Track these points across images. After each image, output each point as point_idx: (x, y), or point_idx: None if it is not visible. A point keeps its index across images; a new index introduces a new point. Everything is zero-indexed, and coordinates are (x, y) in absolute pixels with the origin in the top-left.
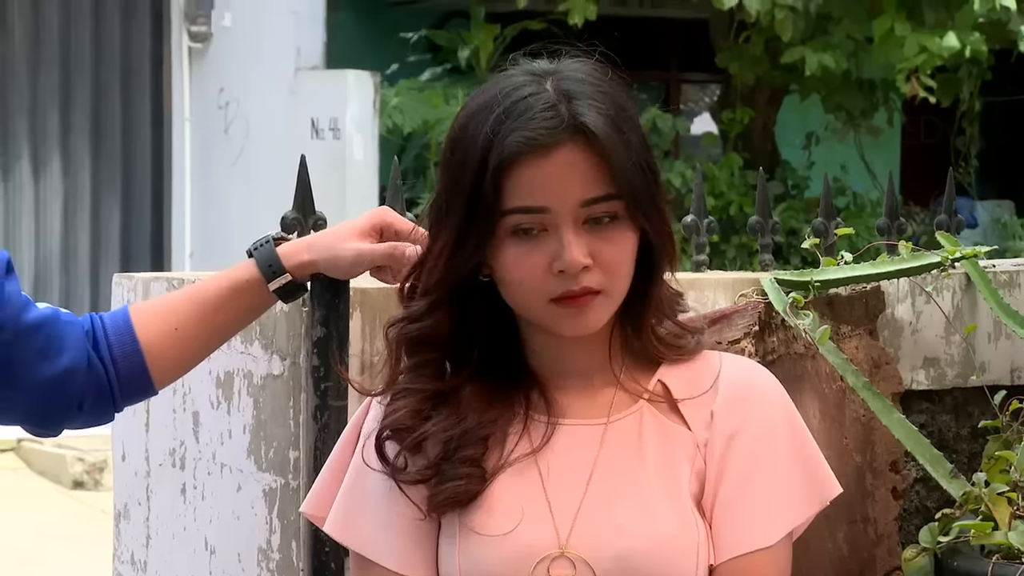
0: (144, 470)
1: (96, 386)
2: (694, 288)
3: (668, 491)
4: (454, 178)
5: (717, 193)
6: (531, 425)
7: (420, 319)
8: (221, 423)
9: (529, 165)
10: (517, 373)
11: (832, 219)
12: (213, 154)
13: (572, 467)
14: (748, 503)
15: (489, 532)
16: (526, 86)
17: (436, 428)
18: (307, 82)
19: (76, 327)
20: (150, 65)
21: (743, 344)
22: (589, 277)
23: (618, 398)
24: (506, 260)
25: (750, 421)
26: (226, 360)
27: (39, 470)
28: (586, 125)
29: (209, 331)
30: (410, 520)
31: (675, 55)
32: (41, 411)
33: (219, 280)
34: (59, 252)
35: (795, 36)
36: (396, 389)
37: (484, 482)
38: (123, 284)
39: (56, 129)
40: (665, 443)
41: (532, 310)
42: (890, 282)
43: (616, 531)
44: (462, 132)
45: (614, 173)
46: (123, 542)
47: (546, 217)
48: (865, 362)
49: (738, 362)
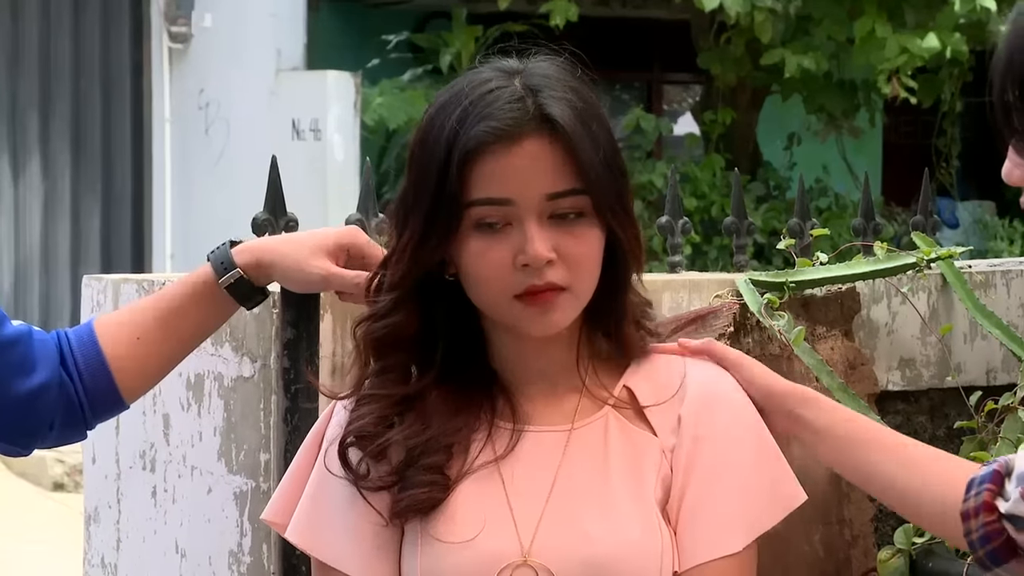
0: (114, 472)
1: (66, 404)
2: (669, 289)
3: (633, 497)
4: (420, 171)
5: (699, 194)
6: (496, 432)
7: (386, 316)
8: (191, 425)
9: (494, 156)
10: (481, 377)
11: (807, 220)
12: (193, 155)
13: (535, 474)
14: (714, 509)
15: (450, 539)
16: (493, 80)
17: (400, 435)
18: (288, 83)
19: (49, 345)
20: (130, 66)
21: None
22: (553, 272)
23: (583, 404)
24: (469, 254)
25: (716, 427)
26: (196, 362)
27: (19, 472)
28: (553, 117)
29: (171, 338)
30: (373, 527)
31: (657, 56)
32: (13, 429)
33: (177, 286)
34: (39, 255)
35: (775, 37)
36: (361, 395)
37: (447, 490)
38: (92, 286)
39: (35, 130)
40: (630, 449)
41: (496, 308)
42: (865, 283)
43: (580, 538)
44: (429, 126)
45: (581, 168)
46: (93, 545)
47: (510, 210)
48: (840, 363)
49: (703, 367)
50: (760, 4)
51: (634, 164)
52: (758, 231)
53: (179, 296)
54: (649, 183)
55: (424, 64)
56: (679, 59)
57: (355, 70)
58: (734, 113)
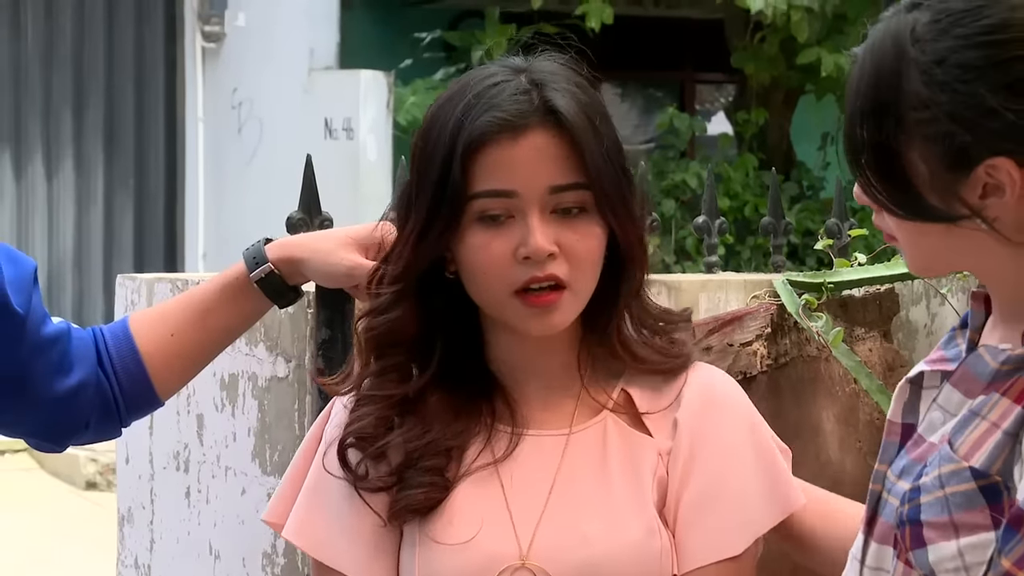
0: (148, 473)
1: (102, 402)
2: (705, 289)
3: (632, 500)
4: (423, 164)
5: (732, 194)
6: (495, 435)
7: (386, 311)
8: (226, 426)
9: (498, 147)
10: (479, 379)
11: (845, 220)
12: (226, 154)
13: (534, 477)
14: (714, 512)
15: (448, 541)
16: (498, 75)
17: (401, 438)
18: (321, 82)
19: (87, 343)
20: (163, 65)
21: (755, 346)
22: (555, 266)
23: (581, 407)
24: (470, 248)
25: (715, 430)
26: (230, 362)
27: (52, 471)
28: (558, 109)
29: (204, 334)
30: (371, 527)
31: (690, 56)
32: (50, 427)
33: (211, 283)
34: (72, 253)
35: (811, 37)
36: (361, 395)
37: (446, 491)
38: (126, 285)
39: (69, 130)
40: (628, 453)
41: (496, 304)
42: (904, 284)
43: (578, 541)
44: (433, 119)
45: (585, 162)
46: (127, 546)
47: (513, 202)
48: (879, 364)
49: (703, 370)
50: (797, 3)
51: (667, 164)
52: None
53: (213, 292)
54: (683, 183)
55: (457, 63)
56: (712, 59)
57: (388, 69)
58: (767, 113)
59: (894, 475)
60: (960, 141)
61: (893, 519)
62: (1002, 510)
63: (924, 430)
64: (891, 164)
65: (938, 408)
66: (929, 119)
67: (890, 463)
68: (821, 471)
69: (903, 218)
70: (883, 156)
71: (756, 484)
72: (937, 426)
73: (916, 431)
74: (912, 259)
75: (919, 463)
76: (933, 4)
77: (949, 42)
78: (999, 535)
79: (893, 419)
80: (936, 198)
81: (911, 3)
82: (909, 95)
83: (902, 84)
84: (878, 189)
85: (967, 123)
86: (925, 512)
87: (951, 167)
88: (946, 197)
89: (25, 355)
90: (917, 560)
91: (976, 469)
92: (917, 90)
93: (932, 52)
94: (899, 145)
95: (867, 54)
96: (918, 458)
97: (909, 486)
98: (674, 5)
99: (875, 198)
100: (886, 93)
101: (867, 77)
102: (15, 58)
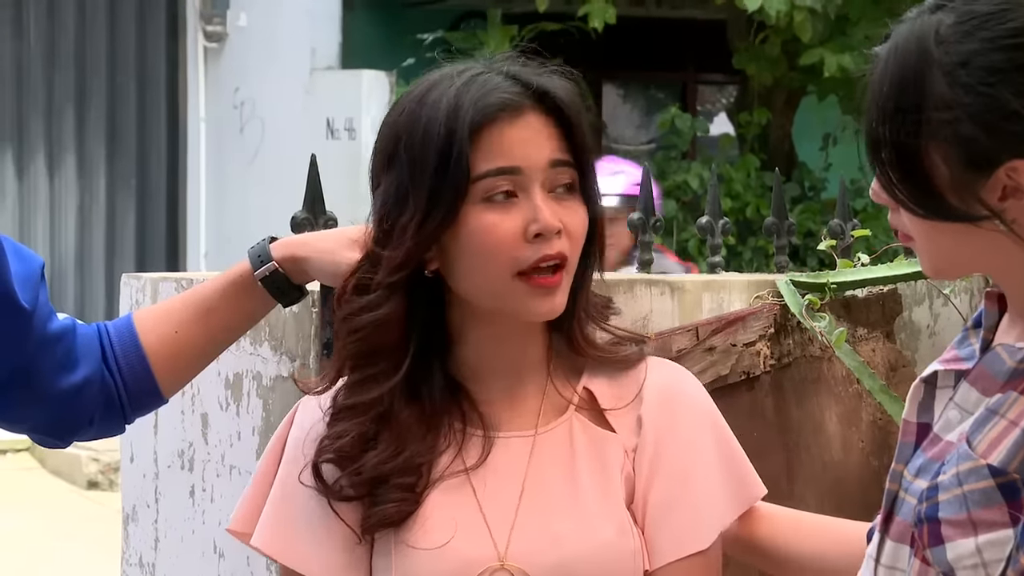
0: (152, 472)
1: (107, 399)
2: (709, 290)
3: (602, 499)
4: (414, 154)
5: (734, 195)
6: (467, 441)
7: (375, 308)
8: (230, 425)
9: (501, 127)
10: (444, 387)
11: (848, 220)
12: (228, 154)
13: (504, 480)
14: (681, 508)
15: (424, 546)
16: (474, 68)
17: (376, 459)
18: (322, 82)
19: (91, 339)
20: (165, 65)
21: (758, 347)
22: (560, 243)
23: (546, 407)
24: (474, 232)
25: (678, 425)
26: (235, 361)
27: (53, 470)
28: (550, 91)
29: (208, 332)
30: (342, 535)
31: (692, 56)
32: (54, 422)
33: (215, 281)
34: (74, 252)
35: (814, 37)
36: (339, 407)
37: (416, 504)
38: (131, 284)
39: (71, 129)
40: (595, 451)
41: (495, 290)
42: (907, 284)
43: (553, 541)
44: (414, 114)
45: (575, 142)
46: (131, 544)
47: (519, 179)
48: (882, 365)
49: (663, 366)
50: (800, 3)
51: (669, 164)
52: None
53: (217, 290)
54: (684, 183)
55: None
56: (714, 60)
57: (390, 69)
58: (769, 114)
59: (911, 474)
60: (982, 143)
61: (911, 517)
62: (1020, 507)
63: (940, 429)
64: (912, 163)
65: (955, 407)
66: (951, 120)
67: (906, 462)
68: (824, 471)
69: (922, 217)
70: (904, 155)
71: (719, 477)
72: (954, 425)
73: (932, 430)
74: (928, 259)
75: (936, 462)
76: (958, 6)
77: (974, 44)
78: (1018, 532)
79: (908, 419)
80: (956, 198)
81: (935, 5)
82: (932, 96)
83: (925, 85)
84: (898, 187)
85: (989, 125)
86: (943, 510)
87: (972, 168)
88: (966, 198)
89: (31, 350)
90: (935, 557)
91: (994, 467)
92: (940, 91)
93: (956, 54)
94: (920, 145)
95: (890, 55)
96: (935, 457)
97: (927, 484)
98: (676, 6)
99: (894, 196)
100: (909, 93)
101: (890, 77)
102: (17, 57)
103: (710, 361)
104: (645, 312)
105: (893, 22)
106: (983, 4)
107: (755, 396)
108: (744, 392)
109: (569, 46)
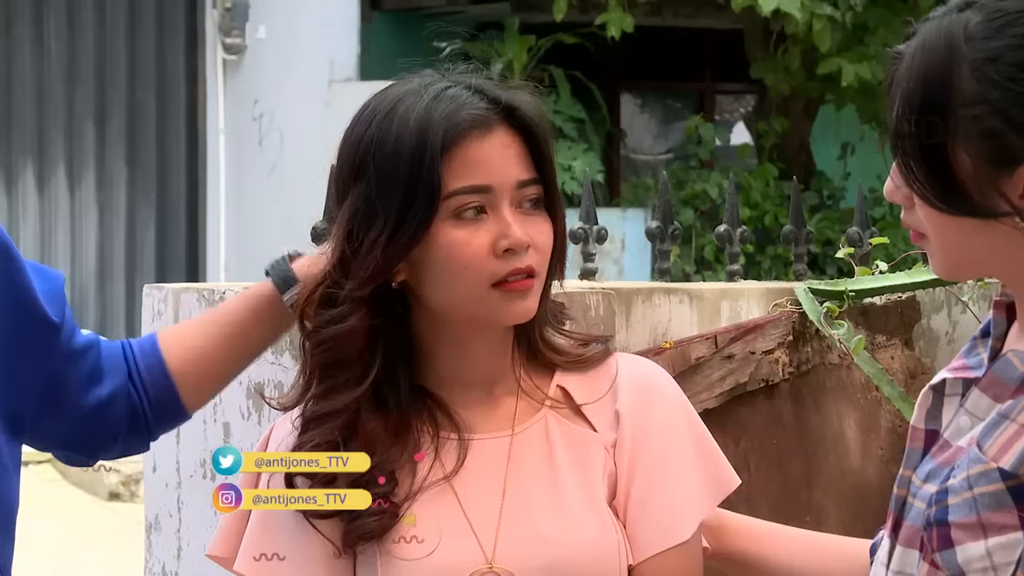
0: (175, 481)
1: (132, 415)
2: (727, 297)
3: (585, 496)
4: (384, 168)
5: (752, 204)
6: (443, 446)
7: (340, 320)
8: (252, 434)
9: (473, 143)
10: (412, 396)
11: (867, 229)
12: (247, 166)
13: (485, 483)
14: (662, 500)
15: (411, 557)
16: (442, 81)
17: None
18: (341, 94)
19: (116, 355)
20: (185, 78)
21: (777, 354)
22: (529, 257)
23: (520, 407)
24: (445, 247)
25: (654, 419)
26: (256, 371)
27: (75, 481)
28: (519, 108)
29: (233, 353)
30: (324, 553)
31: (709, 66)
32: (83, 438)
33: (239, 301)
34: (95, 265)
35: (831, 47)
36: (305, 418)
37: (396, 517)
38: (153, 295)
39: (92, 143)
40: (574, 448)
41: (470, 300)
42: (926, 292)
43: (540, 541)
44: (384, 127)
45: (539, 159)
46: (154, 554)
47: (488, 197)
48: (900, 372)
49: (632, 360)
50: (819, 12)
51: (687, 173)
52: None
53: (241, 312)
54: (703, 192)
55: None
56: (731, 69)
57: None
58: (787, 123)
59: (919, 479)
60: (1007, 139)
61: (919, 522)
62: None
63: (950, 435)
64: (936, 157)
65: (966, 413)
66: (978, 116)
67: (915, 468)
68: (842, 478)
69: (941, 211)
70: (928, 149)
71: (696, 468)
72: (964, 431)
73: (940, 436)
74: (941, 258)
75: (945, 467)
76: (987, 4)
77: (1004, 40)
78: None
79: (916, 425)
80: (977, 193)
81: (963, 3)
82: (960, 91)
83: (953, 80)
84: (920, 181)
85: (1015, 122)
86: (953, 513)
87: (996, 164)
88: (987, 193)
89: (60, 363)
90: (945, 561)
91: (1005, 470)
92: (968, 87)
93: (985, 50)
94: (946, 139)
95: (917, 50)
96: (944, 462)
97: (936, 489)
98: (694, 15)
99: (915, 190)
100: (936, 88)
101: (917, 71)
102: (38, 73)
103: (729, 369)
104: (664, 320)
105: (915, 23)
106: (1013, 2)
107: (774, 404)
108: (763, 400)
109: (586, 56)
